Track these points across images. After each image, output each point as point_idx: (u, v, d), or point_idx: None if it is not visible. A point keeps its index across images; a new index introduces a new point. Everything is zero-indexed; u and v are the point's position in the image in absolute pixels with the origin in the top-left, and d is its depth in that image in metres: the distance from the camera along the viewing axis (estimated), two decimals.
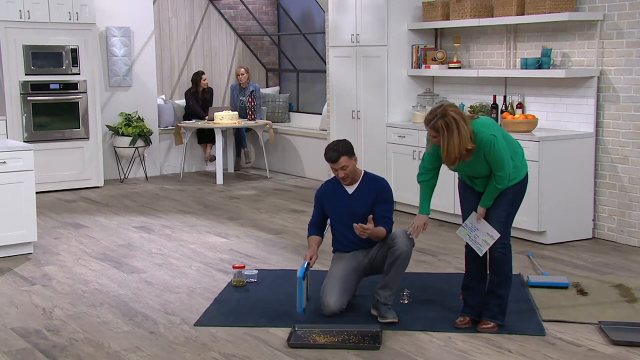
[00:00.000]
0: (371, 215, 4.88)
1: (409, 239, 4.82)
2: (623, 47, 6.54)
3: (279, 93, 11.94)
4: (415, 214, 7.39)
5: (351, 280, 5.00)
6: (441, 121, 4.35)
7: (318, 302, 4.98)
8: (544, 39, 7.16)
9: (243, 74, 11.14)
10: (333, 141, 5.06)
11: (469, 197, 4.72)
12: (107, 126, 10.15)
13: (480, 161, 4.48)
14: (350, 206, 5.02)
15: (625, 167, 6.62)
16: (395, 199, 8.53)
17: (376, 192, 5.03)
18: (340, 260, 5.07)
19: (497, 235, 4.54)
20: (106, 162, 10.07)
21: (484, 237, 4.58)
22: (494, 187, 4.51)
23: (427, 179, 4.79)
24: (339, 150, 4.94)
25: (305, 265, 4.96)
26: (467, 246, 4.73)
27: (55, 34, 9.33)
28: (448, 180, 7.37)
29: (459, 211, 7.28)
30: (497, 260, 4.60)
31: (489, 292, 4.67)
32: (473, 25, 7.54)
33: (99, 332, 4.69)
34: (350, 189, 5.06)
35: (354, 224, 4.83)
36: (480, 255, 4.63)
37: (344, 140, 5.06)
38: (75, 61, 9.47)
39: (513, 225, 6.59)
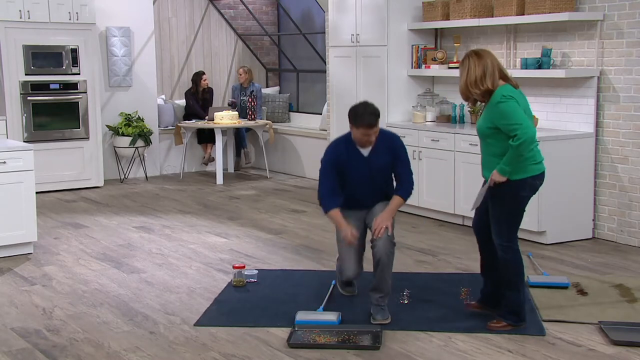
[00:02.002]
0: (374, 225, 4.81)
1: (390, 242, 4.75)
2: (623, 47, 6.54)
3: (279, 93, 11.94)
4: (415, 214, 7.37)
5: (361, 245, 5.04)
6: (464, 56, 4.56)
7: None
8: (544, 39, 7.16)
9: (241, 75, 11.13)
10: (361, 104, 4.81)
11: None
12: (107, 126, 10.15)
13: (487, 118, 4.49)
14: (368, 169, 4.86)
15: (625, 167, 6.62)
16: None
17: (391, 153, 4.87)
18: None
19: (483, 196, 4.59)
20: (106, 162, 10.07)
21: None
22: (510, 147, 4.39)
23: None
24: (376, 114, 4.72)
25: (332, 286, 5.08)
26: (476, 235, 4.81)
27: (55, 34, 9.33)
28: (448, 180, 7.38)
29: (459, 211, 7.32)
30: (500, 261, 4.59)
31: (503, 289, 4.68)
32: (473, 25, 7.54)
33: (99, 332, 4.69)
34: (365, 151, 4.86)
35: (375, 233, 4.74)
36: (470, 210, 4.76)
37: (370, 102, 4.83)
38: (75, 61, 9.47)
39: None
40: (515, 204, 4.56)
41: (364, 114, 4.71)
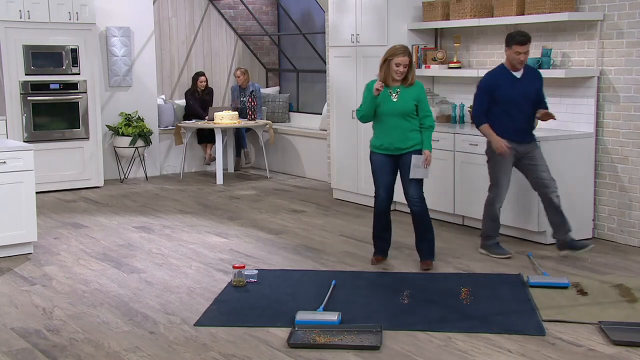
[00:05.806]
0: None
1: None
2: (623, 47, 6.54)
3: (279, 93, 11.94)
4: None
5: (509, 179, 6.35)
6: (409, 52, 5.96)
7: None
8: (544, 39, 7.16)
9: (239, 76, 11.11)
10: (515, 30, 6.18)
11: None
12: (107, 126, 10.16)
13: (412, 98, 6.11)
14: (522, 88, 6.08)
15: (625, 167, 6.62)
16: (395, 199, 8.52)
17: (539, 79, 6.19)
18: (508, 171, 6.19)
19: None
20: (106, 162, 10.07)
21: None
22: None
23: None
24: (527, 36, 6.02)
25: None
26: (375, 203, 6.11)
27: (55, 34, 9.34)
28: (448, 180, 7.38)
29: (459, 211, 7.32)
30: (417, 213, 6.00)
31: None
32: (473, 25, 7.54)
33: (99, 332, 4.69)
34: (518, 74, 6.12)
35: (540, 111, 6.10)
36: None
37: (523, 30, 6.29)
38: (75, 61, 9.47)
39: (512, 225, 6.63)
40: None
41: (516, 35, 6.03)
